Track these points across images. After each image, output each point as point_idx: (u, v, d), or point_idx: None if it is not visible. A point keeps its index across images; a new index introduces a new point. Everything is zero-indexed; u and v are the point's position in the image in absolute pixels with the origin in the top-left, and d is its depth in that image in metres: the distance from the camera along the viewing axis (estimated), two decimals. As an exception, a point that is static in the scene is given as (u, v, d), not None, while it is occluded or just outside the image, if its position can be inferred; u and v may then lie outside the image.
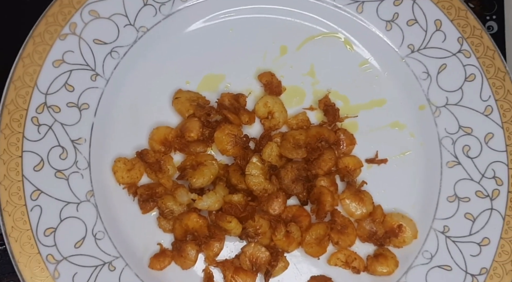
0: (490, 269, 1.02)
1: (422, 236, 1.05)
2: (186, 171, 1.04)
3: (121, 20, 1.05)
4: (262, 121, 1.09)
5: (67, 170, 1.01)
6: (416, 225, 1.06)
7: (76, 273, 0.97)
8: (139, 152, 1.05)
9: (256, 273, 1.02)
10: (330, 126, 1.09)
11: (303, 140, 1.06)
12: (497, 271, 1.01)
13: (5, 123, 0.99)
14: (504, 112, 1.05)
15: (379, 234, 1.05)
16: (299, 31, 1.13)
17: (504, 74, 1.06)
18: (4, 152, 0.98)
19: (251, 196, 1.04)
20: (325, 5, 1.10)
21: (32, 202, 0.98)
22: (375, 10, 1.09)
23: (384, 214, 1.06)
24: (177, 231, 1.03)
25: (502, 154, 1.05)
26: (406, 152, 1.10)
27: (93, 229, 1.00)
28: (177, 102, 1.07)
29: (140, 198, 1.03)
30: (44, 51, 1.01)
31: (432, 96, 1.08)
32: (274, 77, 1.10)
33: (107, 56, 1.05)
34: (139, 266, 1.01)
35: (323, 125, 1.09)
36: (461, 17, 1.07)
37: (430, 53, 1.08)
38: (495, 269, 1.01)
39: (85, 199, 1.00)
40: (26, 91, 1.00)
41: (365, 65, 1.13)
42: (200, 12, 1.10)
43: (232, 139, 1.05)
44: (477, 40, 1.07)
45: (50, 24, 1.02)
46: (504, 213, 1.03)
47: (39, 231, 0.97)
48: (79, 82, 1.03)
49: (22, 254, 0.96)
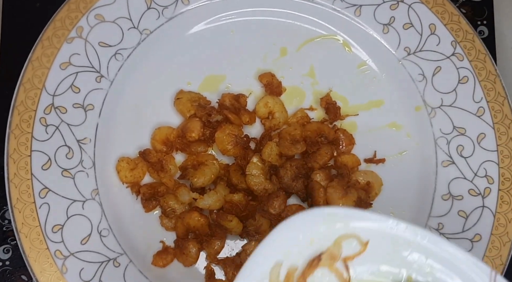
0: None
1: (418, 234, 1.07)
2: (187, 171, 1.05)
3: (125, 23, 1.07)
4: (262, 121, 1.10)
5: (73, 169, 1.02)
6: (377, 175, 1.08)
7: (82, 269, 0.99)
8: (142, 151, 1.06)
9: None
10: (331, 123, 1.11)
11: (299, 134, 1.07)
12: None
13: (15, 124, 1.00)
14: (495, 113, 1.07)
15: (363, 198, 1.07)
16: (298, 33, 1.14)
17: (494, 76, 1.08)
18: (14, 152, 1.00)
19: (251, 195, 1.04)
20: (324, 8, 1.12)
21: (41, 199, 0.99)
22: (373, 14, 1.11)
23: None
24: (179, 229, 1.03)
25: (493, 153, 1.07)
26: (403, 152, 1.11)
27: (98, 226, 1.01)
28: (179, 103, 1.08)
29: (143, 197, 1.04)
30: (52, 54, 1.03)
31: (428, 97, 1.10)
32: (275, 78, 1.11)
33: (112, 58, 1.06)
34: (142, 263, 1.02)
35: (324, 122, 1.10)
36: (454, 21, 1.09)
37: (425, 55, 1.10)
38: (486, 263, 1.03)
39: (90, 197, 1.02)
40: (35, 92, 1.01)
41: (363, 66, 1.14)
42: (201, 14, 1.11)
43: (233, 139, 1.05)
44: (470, 44, 1.08)
45: (58, 28, 1.03)
46: (494, 210, 1.05)
47: (47, 228, 0.99)
48: (84, 83, 1.04)
49: (32, 250, 0.97)
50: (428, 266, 0.81)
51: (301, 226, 0.80)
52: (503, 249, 1.04)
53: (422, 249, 0.80)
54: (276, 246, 0.79)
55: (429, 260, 0.81)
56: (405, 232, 0.80)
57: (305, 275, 0.82)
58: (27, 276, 1.05)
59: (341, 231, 0.81)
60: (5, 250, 1.06)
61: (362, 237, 0.82)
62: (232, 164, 1.08)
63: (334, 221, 0.81)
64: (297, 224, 0.80)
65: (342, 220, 0.81)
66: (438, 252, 0.80)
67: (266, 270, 0.79)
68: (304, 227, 0.80)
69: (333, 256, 0.82)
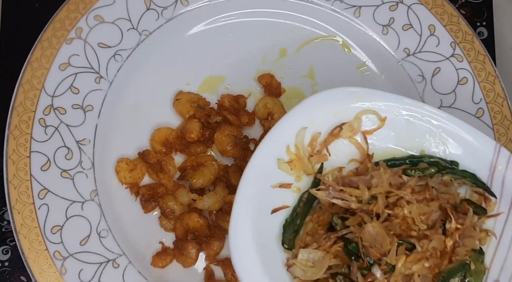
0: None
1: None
2: (186, 172, 1.05)
3: (125, 24, 1.06)
4: (262, 122, 1.10)
5: (72, 170, 1.02)
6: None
7: (82, 270, 0.99)
8: (141, 152, 1.06)
9: (255, 270, 1.03)
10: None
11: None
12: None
13: (15, 125, 1.00)
14: (494, 114, 1.07)
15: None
16: (298, 34, 1.14)
17: (494, 78, 1.08)
18: (13, 153, 0.99)
19: (251, 195, 1.05)
20: (324, 9, 1.12)
21: (40, 200, 0.99)
22: (372, 15, 1.11)
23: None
24: (178, 230, 1.03)
25: (493, 155, 1.07)
26: (403, 152, 1.12)
27: (97, 227, 1.01)
28: (178, 104, 1.08)
29: (142, 197, 1.04)
30: (52, 55, 1.02)
31: (427, 98, 1.10)
32: (274, 79, 1.11)
33: (111, 59, 1.06)
34: (142, 264, 1.02)
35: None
36: (454, 23, 1.09)
37: (424, 56, 1.10)
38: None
39: (89, 198, 1.02)
40: (34, 93, 1.01)
41: (363, 67, 1.14)
42: (201, 15, 1.11)
43: (232, 140, 1.05)
44: (469, 45, 1.09)
45: (57, 29, 1.03)
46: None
47: (46, 229, 0.99)
48: (84, 84, 1.04)
49: (31, 251, 0.97)
50: (440, 140, 0.93)
51: (325, 100, 0.91)
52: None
53: (435, 125, 0.92)
54: (303, 114, 0.90)
55: (441, 134, 0.93)
56: (421, 109, 0.92)
57: (327, 142, 0.93)
58: (26, 277, 1.05)
59: (361, 107, 0.92)
60: (4, 251, 1.06)
61: (381, 114, 0.92)
62: (232, 165, 1.07)
63: (355, 99, 0.92)
64: (323, 98, 0.91)
65: (362, 98, 0.92)
66: (449, 128, 0.92)
67: (292, 133, 0.90)
68: (328, 101, 0.91)
69: (353, 128, 0.93)
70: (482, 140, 0.92)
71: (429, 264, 0.84)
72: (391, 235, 0.84)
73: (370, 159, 0.93)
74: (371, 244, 0.84)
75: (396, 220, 0.86)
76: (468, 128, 0.92)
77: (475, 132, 0.92)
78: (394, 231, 0.85)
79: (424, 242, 0.85)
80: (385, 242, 0.83)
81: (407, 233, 0.86)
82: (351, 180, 0.90)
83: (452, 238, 0.86)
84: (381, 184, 0.87)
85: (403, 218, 0.86)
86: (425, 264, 0.84)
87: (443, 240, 0.85)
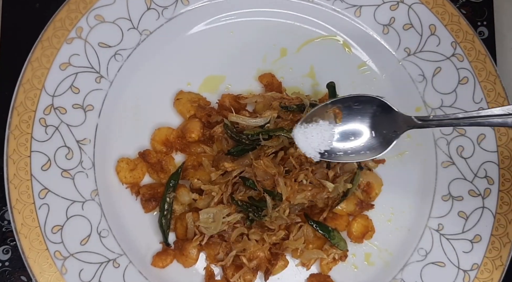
0: (481, 264, 1.04)
1: (418, 234, 1.07)
2: (187, 171, 1.05)
3: (125, 24, 1.06)
4: (262, 122, 1.10)
5: (72, 169, 1.02)
6: (377, 176, 1.10)
7: (82, 269, 0.99)
8: (142, 152, 1.06)
9: (256, 271, 1.03)
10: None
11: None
12: (487, 266, 1.04)
13: (15, 124, 1.00)
14: (495, 114, 1.07)
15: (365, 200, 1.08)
16: (299, 34, 1.14)
17: (495, 77, 1.08)
18: (14, 152, 1.00)
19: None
20: (324, 9, 1.12)
21: (40, 200, 0.99)
22: (373, 14, 1.11)
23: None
24: (179, 230, 1.03)
25: (493, 154, 1.07)
26: (403, 153, 1.11)
27: (97, 227, 1.01)
28: (179, 103, 1.08)
29: (143, 197, 1.04)
30: (52, 54, 1.02)
31: (428, 98, 1.10)
32: (275, 78, 1.12)
33: (111, 59, 1.06)
34: (142, 264, 1.03)
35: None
36: (454, 22, 1.09)
37: (425, 56, 1.10)
38: (486, 264, 1.04)
39: (90, 198, 1.02)
40: (34, 93, 1.01)
41: (363, 67, 1.14)
42: (201, 15, 1.11)
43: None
44: (469, 44, 1.09)
45: (58, 28, 1.03)
46: (495, 211, 1.06)
47: (47, 228, 0.99)
48: (84, 84, 1.04)
49: (31, 250, 0.98)
50: None
51: None
52: (503, 250, 1.04)
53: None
54: None
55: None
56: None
57: None
58: (26, 276, 1.05)
59: None
60: (4, 250, 1.06)
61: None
62: (232, 164, 1.07)
63: None
64: None
65: None
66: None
67: None
68: None
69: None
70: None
71: (312, 193, 1.01)
72: (278, 167, 1.00)
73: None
74: (263, 177, 1.00)
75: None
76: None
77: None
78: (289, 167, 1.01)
79: (309, 175, 1.00)
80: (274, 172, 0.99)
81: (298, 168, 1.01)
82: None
83: (334, 170, 1.03)
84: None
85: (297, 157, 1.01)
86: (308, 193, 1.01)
87: (325, 173, 1.02)
